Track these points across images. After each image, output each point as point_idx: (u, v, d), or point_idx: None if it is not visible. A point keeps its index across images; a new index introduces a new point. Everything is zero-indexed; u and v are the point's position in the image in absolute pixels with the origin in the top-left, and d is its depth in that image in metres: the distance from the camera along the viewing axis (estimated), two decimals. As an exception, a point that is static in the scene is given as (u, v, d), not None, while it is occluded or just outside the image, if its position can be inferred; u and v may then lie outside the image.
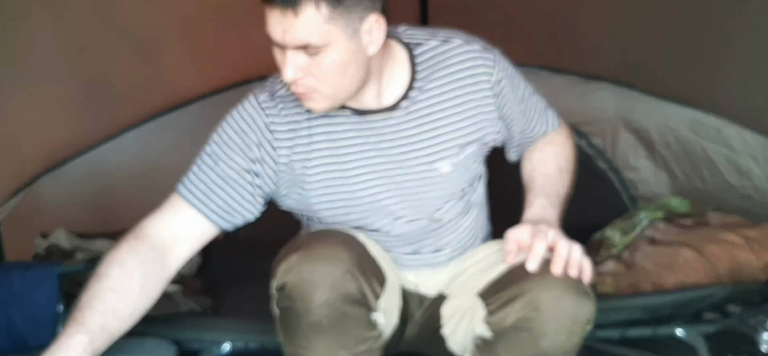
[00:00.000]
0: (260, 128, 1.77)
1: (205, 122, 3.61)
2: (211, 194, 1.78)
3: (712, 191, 3.22)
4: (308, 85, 1.64)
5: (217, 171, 1.78)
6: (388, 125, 1.79)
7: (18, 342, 2.28)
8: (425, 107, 1.80)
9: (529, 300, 1.60)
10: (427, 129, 1.81)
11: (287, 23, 1.56)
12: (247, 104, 1.81)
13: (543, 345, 1.61)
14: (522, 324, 1.62)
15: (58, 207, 3.11)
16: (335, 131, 1.78)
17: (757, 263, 2.63)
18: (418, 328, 1.94)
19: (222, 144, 1.80)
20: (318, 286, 1.58)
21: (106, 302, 1.66)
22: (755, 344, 2.71)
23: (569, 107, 3.58)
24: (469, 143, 1.85)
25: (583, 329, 1.62)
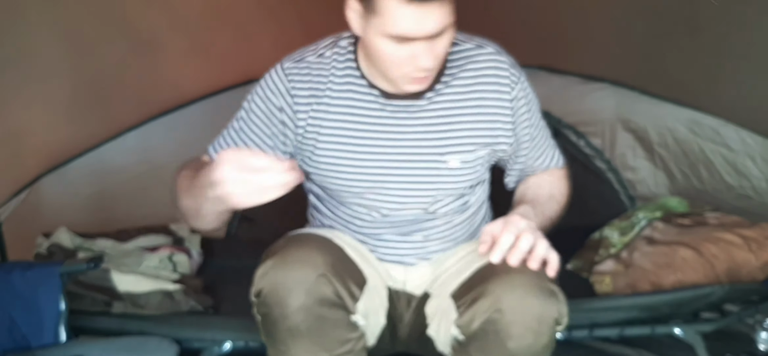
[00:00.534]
0: (282, 92, 1.85)
1: (206, 122, 3.65)
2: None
3: (710, 191, 3.23)
4: (432, 66, 1.73)
5: (243, 138, 1.88)
6: (410, 112, 1.85)
7: (20, 342, 2.27)
8: (448, 101, 1.87)
9: (492, 301, 1.62)
10: (444, 122, 1.87)
11: (440, 10, 1.63)
12: (272, 71, 1.89)
13: (511, 346, 1.61)
14: (488, 326, 1.63)
15: (60, 207, 3.11)
16: (357, 106, 1.85)
17: (755, 263, 2.64)
18: (408, 329, 1.96)
19: (249, 111, 1.90)
20: (293, 291, 1.61)
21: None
22: (753, 343, 2.73)
23: (568, 107, 3.60)
24: (482, 144, 1.90)
25: (551, 329, 1.63)
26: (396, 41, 1.66)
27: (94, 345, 2.25)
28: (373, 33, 1.68)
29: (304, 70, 1.86)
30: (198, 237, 3.23)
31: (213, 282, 2.83)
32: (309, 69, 1.86)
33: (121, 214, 3.33)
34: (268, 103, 1.86)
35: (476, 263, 1.77)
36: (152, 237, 3.11)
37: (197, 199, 1.63)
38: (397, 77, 1.75)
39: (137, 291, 2.54)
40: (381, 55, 1.71)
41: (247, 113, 1.90)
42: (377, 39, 1.68)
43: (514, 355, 1.62)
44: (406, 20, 1.62)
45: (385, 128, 1.85)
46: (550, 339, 1.64)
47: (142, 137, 3.40)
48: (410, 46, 1.66)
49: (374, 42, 1.69)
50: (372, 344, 1.90)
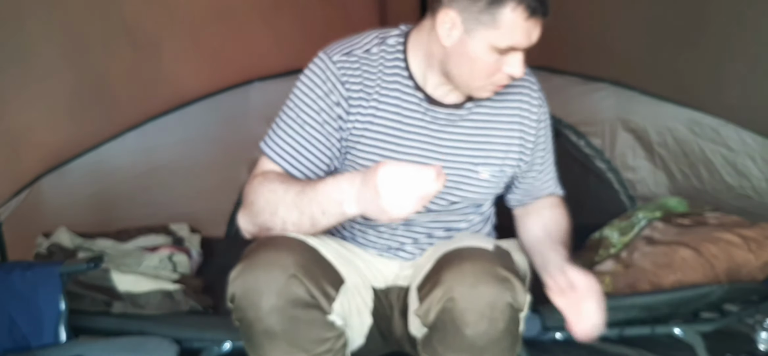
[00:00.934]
0: (337, 86, 1.84)
1: (206, 122, 3.66)
2: (298, 155, 1.84)
3: (710, 191, 3.23)
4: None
5: (300, 133, 1.85)
6: (449, 121, 1.89)
7: (20, 342, 2.28)
8: (485, 114, 1.92)
9: (445, 290, 1.64)
10: (480, 134, 1.92)
11: (540, 24, 1.74)
12: (321, 63, 1.86)
13: (467, 333, 1.64)
14: (444, 315, 1.65)
15: (60, 207, 3.11)
16: (403, 108, 1.87)
17: (755, 263, 2.64)
18: (399, 326, 1.96)
19: (303, 106, 1.86)
20: (263, 293, 1.62)
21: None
22: (753, 343, 2.73)
23: (568, 107, 3.60)
24: (510, 160, 1.97)
25: (506, 314, 1.64)
26: (499, 52, 1.73)
27: (94, 345, 2.25)
28: (476, 44, 1.73)
29: (355, 64, 1.86)
30: (198, 237, 3.24)
31: (213, 282, 2.83)
32: (359, 64, 1.86)
33: (121, 214, 3.34)
34: (324, 98, 1.84)
35: (435, 256, 1.79)
36: (152, 237, 3.12)
37: (312, 215, 1.67)
38: (481, 86, 1.81)
39: (137, 291, 2.55)
40: (478, 64, 1.75)
41: (299, 109, 1.86)
42: (481, 49, 1.73)
43: (473, 342, 1.65)
44: (521, 33, 1.70)
45: (426, 132, 1.88)
46: (508, 325, 1.66)
47: (142, 136, 3.40)
48: (509, 57, 1.74)
49: (475, 52, 1.74)
50: (360, 344, 1.91)
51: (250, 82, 3.73)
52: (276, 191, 1.71)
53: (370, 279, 1.93)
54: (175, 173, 3.54)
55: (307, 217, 1.66)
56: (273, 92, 3.74)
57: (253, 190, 1.77)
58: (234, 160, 3.75)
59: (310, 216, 1.66)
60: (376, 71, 1.86)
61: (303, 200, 1.66)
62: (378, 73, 1.86)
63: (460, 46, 1.75)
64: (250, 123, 3.68)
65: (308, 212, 1.66)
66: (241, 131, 3.71)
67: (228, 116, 3.68)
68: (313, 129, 1.83)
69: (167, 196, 3.52)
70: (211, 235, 3.47)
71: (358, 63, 1.85)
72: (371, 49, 1.88)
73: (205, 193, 3.65)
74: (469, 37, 1.73)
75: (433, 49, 1.82)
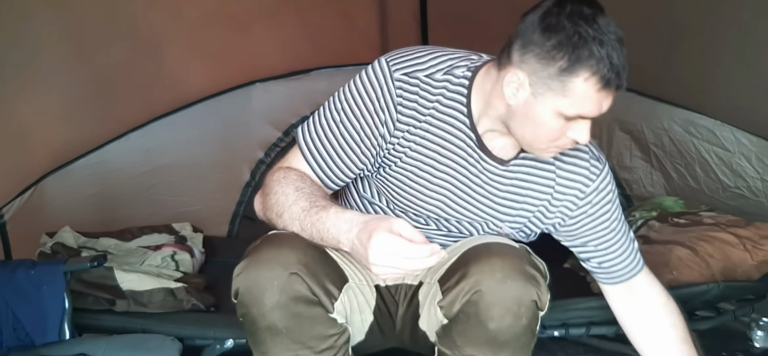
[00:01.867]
0: (389, 106, 1.74)
1: (208, 122, 3.68)
2: (330, 162, 1.78)
3: (706, 191, 3.25)
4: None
5: (341, 134, 1.77)
6: (491, 172, 1.81)
7: (24, 340, 2.29)
8: (524, 175, 1.83)
9: (472, 284, 1.64)
10: (514, 193, 1.84)
11: (612, 96, 1.62)
12: (381, 76, 1.75)
13: (491, 327, 1.64)
14: (469, 308, 1.66)
15: (64, 206, 3.13)
16: (451, 142, 1.78)
17: (751, 262, 2.66)
18: (402, 323, 1.96)
19: (350, 111, 1.77)
20: (266, 290, 1.63)
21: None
22: (749, 341, 2.75)
23: (566, 108, 3.61)
24: (536, 222, 1.90)
25: (530, 311, 1.65)
26: (566, 119, 1.63)
27: (98, 342, 2.25)
28: (543, 109, 1.63)
29: (414, 88, 1.75)
30: (200, 236, 3.25)
31: (215, 281, 2.84)
32: (418, 88, 1.75)
33: (125, 213, 3.35)
34: (373, 115, 1.75)
35: (461, 250, 1.78)
36: (155, 236, 3.13)
37: (311, 236, 1.62)
38: (544, 148, 1.73)
39: (140, 289, 2.57)
40: (542, 129, 1.67)
41: (345, 115, 1.77)
42: (547, 115, 1.63)
43: (494, 337, 1.66)
44: (592, 103, 1.60)
45: (465, 172, 1.81)
46: (530, 321, 1.67)
47: (145, 137, 3.41)
48: (575, 124, 1.65)
49: (541, 117, 1.64)
50: (360, 340, 1.92)
51: (252, 83, 3.74)
52: (288, 196, 1.67)
53: (373, 277, 1.92)
54: (178, 172, 3.55)
55: (307, 235, 1.63)
56: (275, 93, 3.78)
57: (272, 180, 1.72)
58: (236, 160, 3.77)
59: (310, 236, 1.63)
60: (433, 100, 1.76)
61: (306, 219, 1.63)
62: (434, 103, 1.76)
63: (525, 108, 1.65)
64: (252, 124, 3.71)
65: (308, 232, 1.62)
66: (243, 131, 3.73)
67: (230, 117, 3.69)
68: (352, 140, 1.76)
69: (170, 195, 3.53)
70: (213, 234, 3.48)
71: (417, 87, 1.75)
72: (436, 75, 1.76)
73: (207, 192, 3.66)
74: (536, 101, 1.63)
75: (495, 102, 1.72)
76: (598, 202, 1.89)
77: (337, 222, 1.58)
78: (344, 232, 1.56)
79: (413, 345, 2.00)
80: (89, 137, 3.23)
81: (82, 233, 3.00)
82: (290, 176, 1.72)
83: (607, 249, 1.94)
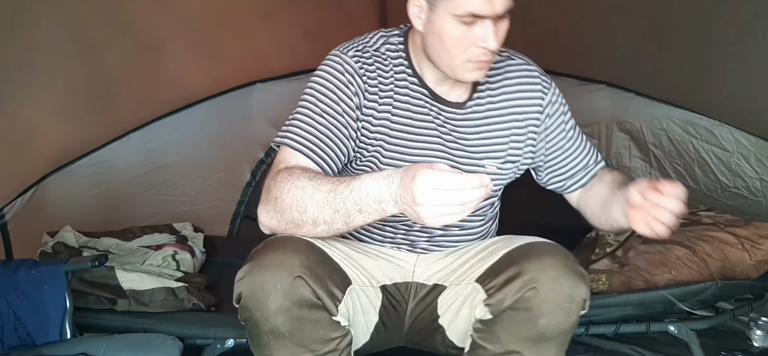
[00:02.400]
0: (355, 78, 1.85)
1: (209, 122, 3.68)
2: (320, 143, 1.82)
3: (704, 191, 3.26)
4: (496, 51, 1.79)
5: (319, 124, 1.82)
6: (453, 119, 1.91)
7: (25, 339, 2.30)
8: (486, 109, 1.94)
9: (527, 281, 1.67)
10: (483, 128, 1.93)
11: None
12: (336, 58, 1.87)
13: (541, 323, 1.68)
14: (520, 304, 1.68)
15: (65, 206, 3.14)
16: (414, 105, 1.89)
17: (749, 261, 2.66)
18: (412, 320, 1.97)
19: (321, 98, 1.84)
20: (270, 293, 1.63)
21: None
22: (747, 340, 2.76)
23: (565, 108, 3.61)
24: (515, 151, 1.98)
25: (580, 309, 1.69)
26: (464, 23, 1.72)
27: (99, 342, 2.25)
28: (441, 18, 1.74)
29: (370, 60, 1.88)
30: (201, 236, 3.25)
31: (216, 280, 2.85)
32: (373, 60, 1.88)
33: (126, 213, 3.36)
34: (344, 88, 1.84)
35: (502, 250, 1.81)
36: (156, 236, 3.13)
37: (347, 213, 1.62)
38: (460, 64, 1.79)
39: (141, 288, 2.57)
40: (447, 40, 1.76)
41: (318, 99, 1.84)
42: (445, 22, 1.74)
43: (542, 332, 1.69)
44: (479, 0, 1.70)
45: (433, 130, 1.89)
46: (577, 319, 1.71)
47: (146, 137, 3.42)
48: (477, 28, 1.73)
49: (441, 27, 1.75)
50: (365, 342, 1.93)
51: (252, 83, 3.75)
52: (305, 188, 1.65)
53: (379, 278, 1.93)
54: (179, 172, 3.56)
55: (342, 215, 1.62)
56: (275, 93, 3.79)
57: (277, 186, 1.70)
58: (236, 160, 3.78)
59: (346, 214, 1.62)
60: (389, 69, 1.89)
61: (337, 198, 1.62)
62: (391, 72, 1.89)
63: (429, 27, 1.78)
64: (253, 124, 3.71)
65: (343, 210, 1.61)
66: (243, 131, 3.74)
67: (230, 117, 3.70)
68: (333, 118, 1.82)
69: (171, 195, 3.54)
70: (214, 234, 3.49)
71: (371, 59, 1.87)
72: (380, 48, 1.91)
73: (208, 192, 3.67)
74: (435, 16, 1.75)
75: (416, 40, 1.86)
76: (555, 113, 2.01)
77: (374, 183, 1.59)
78: (385, 188, 1.57)
79: (424, 343, 2.02)
80: (90, 137, 3.23)
81: (84, 233, 3.00)
82: (295, 172, 1.72)
83: (574, 156, 2.06)
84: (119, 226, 3.19)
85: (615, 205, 1.88)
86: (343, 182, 1.63)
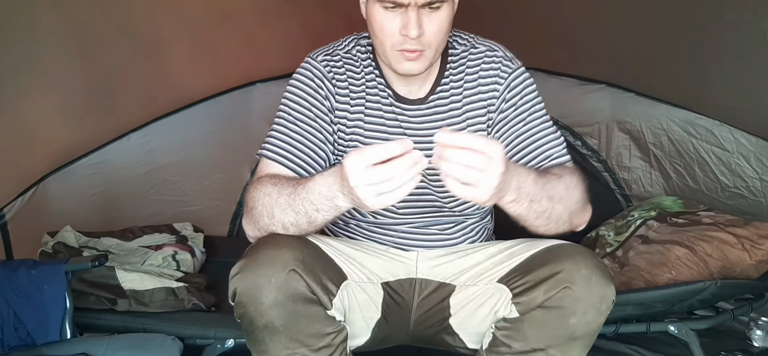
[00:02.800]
0: (325, 82, 1.88)
1: (209, 122, 3.68)
2: (295, 151, 1.85)
3: (704, 191, 3.26)
4: (423, 43, 1.75)
5: (295, 134, 1.86)
6: (415, 116, 1.90)
7: (25, 339, 2.30)
8: (448, 103, 1.91)
9: (560, 280, 1.67)
10: (444, 124, 1.90)
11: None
12: (307, 65, 1.92)
13: (572, 322, 1.68)
14: (552, 302, 1.69)
15: (65, 206, 3.14)
16: (384, 106, 1.90)
17: (749, 261, 2.66)
18: (418, 316, 1.97)
19: (294, 107, 1.88)
20: (264, 288, 1.64)
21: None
22: (747, 340, 2.76)
23: (565, 108, 3.62)
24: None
25: (608, 310, 1.70)
26: (387, 8, 1.72)
27: (99, 342, 2.25)
28: (371, 4, 1.76)
29: (340, 62, 1.91)
30: (201, 236, 3.26)
31: (216, 280, 2.84)
32: (343, 62, 1.91)
33: (126, 213, 3.36)
34: (314, 94, 1.88)
35: (527, 252, 1.82)
36: (156, 236, 3.14)
37: (307, 213, 1.65)
38: (390, 53, 1.78)
39: (141, 288, 2.57)
40: (376, 26, 1.76)
41: (291, 108, 1.88)
42: (373, 8, 1.75)
43: (571, 331, 1.70)
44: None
45: (400, 129, 1.89)
46: (603, 320, 1.71)
47: (146, 137, 3.42)
48: (400, 14, 1.72)
49: (371, 13, 1.76)
50: (367, 339, 1.93)
51: (252, 83, 3.74)
52: (270, 194, 1.71)
53: (380, 274, 1.94)
54: (179, 172, 3.56)
55: (303, 216, 1.66)
56: (275, 93, 3.75)
57: (251, 196, 1.76)
58: (237, 160, 3.77)
59: (306, 215, 1.66)
60: (360, 71, 1.91)
61: (296, 200, 1.66)
62: (362, 74, 1.91)
63: (367, 15, 1.81)
64: (253, 124, 3.71)
65: (303, 211, 1.66)
66: (243, 131, 3.74)
67: (231, 117, 3.70)
68: (306, 125, 1.86)
69: (171, 195, 3.54)
70: (214, 234, 3.49)
71: (341, 62, 1.90)
72: (351, 51, 1.93)
73: (208, 192, 3.67)
74: (367, 4, 1.78)
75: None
76: (512, 98, 1.90)
77: (324, 180, 1.62)
78: (333, 183, 1.59)
79: (431, 341, 2.02)
80: (90, 137, 3.24)
81: (84, 233, 3.01)
82: (263, 180, 1.77)
83: (529, 137, 1.89)
84: (119, 226, 3.19)
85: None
86: (300, 184, 1.67)
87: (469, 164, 1.46)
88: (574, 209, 1.76)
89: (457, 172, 1.47)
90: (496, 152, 1.47)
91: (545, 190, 1.69)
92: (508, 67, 1.91)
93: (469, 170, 1.46)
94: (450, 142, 1.47)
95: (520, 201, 1.63)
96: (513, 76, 1.91)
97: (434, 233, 1.99)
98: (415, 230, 1.98)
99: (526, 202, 1.64)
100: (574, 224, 1.80)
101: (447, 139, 1.47)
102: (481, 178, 1.47)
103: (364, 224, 2.00)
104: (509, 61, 1.92)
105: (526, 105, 1.90)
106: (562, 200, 1.72)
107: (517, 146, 1.88)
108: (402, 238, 1.98)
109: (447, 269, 1.97)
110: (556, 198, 1.71)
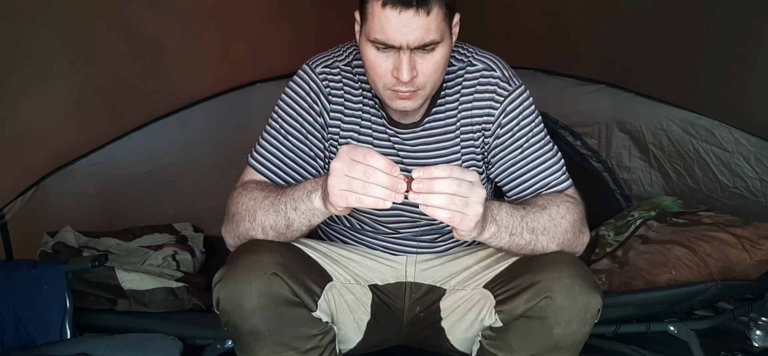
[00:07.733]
0: (320, 96, 1.85)
1: (209, 123, 3.68)
2: (282, 165, 1.84)
3: (704, 191, 3.26)
4: (417, 84, 1.69)
5: (283, 144, 1.84)
6: (409, 139, 1.86)
7: (25, 339, 2.29)
8: (442, 125, 1.86)
9: (541, 289, 1.65)
10: (438, 147, 1.87)
11: (417, 22, 1.60)
12: (304, 75, 1.87)
13: (556, 332, 1.66)
14: (534, 312, 1.66)
15: (65, 206, 3.14)
16: (376, 128, 1.86)
17: (749, 262, 2.66)
18: (411, 318, 1.96)
19: (286, 117, 1.86)
20: (245, 294, 1.63)
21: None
22: (747, 340, 2.76)
23: (565, 108, 3.63)
24: (473, 164, 1.88)
25: (594, 320, 1.68)
26: (378, 48, 1.65)
27: (99, 342, 2.25)
28: (363, 41, 1.68)
29: (338, 77, 1.86)
30: (201, 236, 3.25)
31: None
32: (341, 77, 1.86)
33: (126, 213, 3.36)
34: (309, 110, 1.84)
35: (513, 257, 1.79)
36: (156, 236, 3.13)
37: (286, 213, 1.65)
38: (382, 91, 1.72)
39: (141, 288, 2.57)
40: (368, 63, 1.70)
41: (283, 120, 1.85)
42: (365, 46, 1.68)
43: (555, 342, 1.67)
44: (389, 26, 1.60)
45: (393, 153, 1.85)
46: (590, 329, 1.69)
47: (146, 137, 3.43)
48: (392, 55, 1.65)
49: (364, 50, 1.69)
50: (359, 340, 1.93)
51: (252, 83, 3.75)
52: (255, 197, 1.71)
53: (368, 277, 1.93)
54: (179, 172, 3.56)
55: (282, 216, 1.66)
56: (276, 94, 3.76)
57: (233, 202, 1.76)
58: (237, 160, 3.73)
59: (285, 215, 1.65)
60: (358, 88, 1.86)
61: (280, 200, 1.66)
62: (359, 91, 1.86)
63: (360, 51, 1.73)
64: (253, 124, 3.68)
65: (282, 210, 1.65)
66: (243, 131, 3.71)
67: (231, 117, 3.70)
68: (296, 140, 1.83)
69: (171, 195, 3.54)
70: (214, 234, 3.45)
71: (339, 77, 1.86)
72: (351, 62, 1.88)
73: (208, 192, 3.67)
74: (361, 37, 1.70)
75: None
76: (509, 123, 1.83)
77: (313, 180, 1.63)
78: (319, 181, 1.60)
79: (426, 343, 2.01)
80: (90, 137, 3.24)
81: (84, 233, 3.00)
82: (249, 185, 1.77)
83: (525, 163, 1.85)
84: (119, 226, 3.19)
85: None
86: (285, 189, 1.68)
87: (454, 193, 1.49)
88: (563, 240, 1.74)
89: (441, 203, 1.49)
90: (476, 178, 1.51)
91: (525, 222, 1.69)
92: (504, 89, 1.83)
93: (452, 199, 1.49)
94: (427, 176, 1.49)
95: (500, 236, 1.65)
96: (509, 99, 1.83)
97: (425, 240, 1.98)
98: (406, 239, 1.97)
99: (506, 236, 1.66)
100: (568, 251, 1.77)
101: (424, 175, 1.49)
102: (464, 204, 1.49)
103: (358, 230, 1.99)
104: (506, 82, 1.84)
105: (523, 130, 1.84)
106: (547, 232, 1.71)
107: (513, 173, 1.85)
108: (393, 243, 1.97)
109: (437, 272, 1.95)
110: (539, 230, 1.71)
